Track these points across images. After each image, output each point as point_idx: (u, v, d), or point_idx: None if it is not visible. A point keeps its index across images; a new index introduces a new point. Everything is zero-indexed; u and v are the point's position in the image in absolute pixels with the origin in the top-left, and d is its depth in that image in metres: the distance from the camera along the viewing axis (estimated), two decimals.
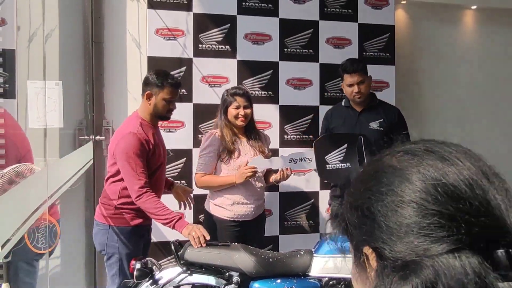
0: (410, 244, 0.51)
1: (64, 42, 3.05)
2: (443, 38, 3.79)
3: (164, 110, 2.50)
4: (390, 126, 2.88)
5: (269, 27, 3.24)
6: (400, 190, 0.54)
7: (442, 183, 0.52)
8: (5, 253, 2.64)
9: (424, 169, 0.55)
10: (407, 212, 0.52)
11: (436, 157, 0.56)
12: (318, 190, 3.34)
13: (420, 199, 0.52)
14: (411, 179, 0.54)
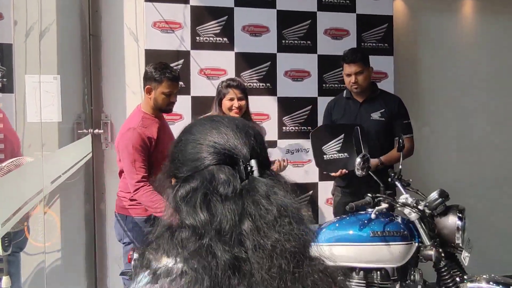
0: (191, 165, 0.83)
1: (61, 36, 3.05)
2: (442, 28, 3.77)
3: (164, 104, 2.53)
4: (391, 116, 2.88)
5: (266, 19, 3.23)
6: (185, 138, 0.88)
7: (213, 136, 0.85)
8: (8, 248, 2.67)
9: (196, 125, 0.90)
10: (189, 149, 0.84)
11: (212, 123, 0.87)
12: (317, 181, 3.34)
13: (196, 141, 0.85)
14: (192, 131, 0.88)
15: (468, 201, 3.76)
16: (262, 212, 0.73)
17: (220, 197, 0.76)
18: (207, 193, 0.77)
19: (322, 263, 0.81)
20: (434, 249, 2.10)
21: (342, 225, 2.23)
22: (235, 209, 0.74)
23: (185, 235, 0.75)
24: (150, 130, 2.47)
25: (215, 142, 0.83)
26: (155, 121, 2.53)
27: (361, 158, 2.21)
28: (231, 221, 0.73)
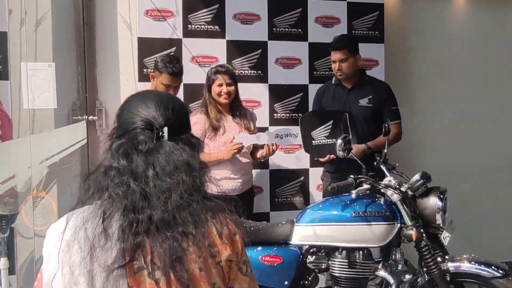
0: (124, 127, 1.11)
1: (56, 24, 3.11)
2: (434, 16, 3.79)
3: None
4: (380, 102, 2.92)
5: (257, 7, 3.28)
6: (123, 107, 1.15)
7: (141, 108, 1.12)
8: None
9: (133, 97, 1.17)
10: (124, 115, 1.12)
11: (142, 98, 1.15)
12: (308, 168, 3.39)
13: (129, 110, 1.12)
14: (128, 102, 1.15)
15: (460, 188, 3.83)
16: (161, 164, 1.05)
17: (138, 151, 1.06)
18: (130, 147, 1.07)
19: (209, 200, 1.11)
20: (414, 229, 2.15)
21: (325, 206, 2.29)
22: (145, 160, 1.05)
23: (113, 173, 1.06)
24: None
25: (141, 113, 1.11)
26: None
27: (342, 139, 2.26)
28: (141, 167, 1.04)
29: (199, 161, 1.11)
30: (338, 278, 2.23)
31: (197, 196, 1.06)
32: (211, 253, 1.06)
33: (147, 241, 1.01)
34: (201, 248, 1.04)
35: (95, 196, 1.04)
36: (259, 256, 2.20)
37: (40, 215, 2.86)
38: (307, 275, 2.26)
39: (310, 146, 2.84)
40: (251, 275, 1.17)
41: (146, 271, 1.00)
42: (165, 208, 1.01)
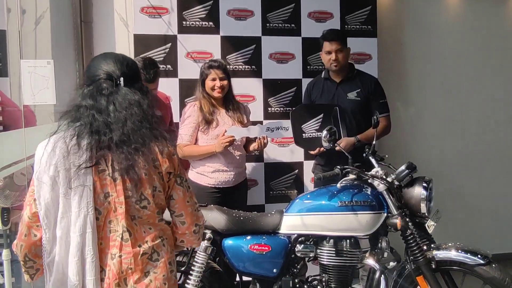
0: (91, 78, 1.49)
1: (55, 22, 3.19)
2: (427, 10, 3.82)
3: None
4: (368, 96, 2.97)
5: (251, 3, 3.33)
6: (90, 63, 1.54)
7: (103, 63, 1.50)
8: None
9: (97, 57, 1.56)
10: (91, 69, 1.51)
11: (104, 56, 1.53)
12: (302, 161, 3.45)
13: (95, 65, 1.51)
14: (94, 59, 1.55)
15: (455, 180, 3.88)
16: (119, 101, 1.45)
17: (101, 94, 1.45)
18: (95, 91, 1.46)
19: (155, 129, 1.48)
20: (399, 218, 2.20)
21: (313, 196, 2.35)
22: (107, 100, 1.44)
23: (82, 109, 1.44)
24: None
25: (103, 67, 1.49)
26: None
27: (327, 130, 2.31)
28: (104, 105, 1.44)
29: (147, 101, 1.49)
30: (326, 266, 2.29)
31: (145, 124, 1.45)
32: (154, 165, 1.47)
33: (108, 153, 1.42)
34: (147, 159, 1.44)
35: (69, 126, 1.45)
36: (248, 245, 2.27)
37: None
38: (295, 263, 2.32)
39: (301, 139, 2.90)
40: (186, 187, 1.57)
41: (107, 172, 1.43)
42: (122, 131, 1.42)
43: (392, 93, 3.49)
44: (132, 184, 1.42)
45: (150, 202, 1.46)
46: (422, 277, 2.24)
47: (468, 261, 2.22)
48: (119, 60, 1.50)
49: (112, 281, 1.42)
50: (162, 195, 1.50)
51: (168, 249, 1.53)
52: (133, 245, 1.44)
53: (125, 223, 1.43)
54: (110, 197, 1.43)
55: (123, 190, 1.42)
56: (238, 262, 2.28)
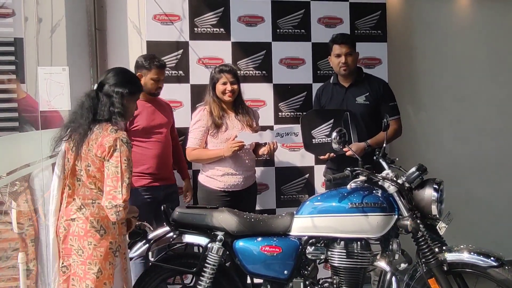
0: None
1: (70, 30, 3.28)
2: (437, 14, 3.83)
3: (153, 88, 2.89)
4: (376, 99, 2.98)
5: (261, 9, 3.38)
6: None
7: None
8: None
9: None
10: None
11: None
12: (313, 165, 3.46)
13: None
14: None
15: (466, 184, 3.85)
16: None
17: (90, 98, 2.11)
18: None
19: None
20: (410, 220, 2.20)
21: (323, 198, 2.36)
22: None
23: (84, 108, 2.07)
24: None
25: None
26: (141, 106, 2.76)
27: (337, 132, 2.33)
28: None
29: (88, 102, 2.10)
30: (337, 268, 2.30)
31: (83, 120, 2.05)
32: (88, 148, 2.02)
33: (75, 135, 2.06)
34: (84, 144, 2.03)
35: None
36: (259, 246, 2.29)
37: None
38: (306, 265, 2.33)
39: (311, 144, 2.91)
40: (113, 171, 2.00)
41: (70, 147, 2.07)
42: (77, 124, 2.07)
43: (403, 97, 3.49)
44: (77, 157, 2.04)
45: (83, 173, 2.04)
46: (434, 280, 2.23)
47: (481, 263, 2.20)
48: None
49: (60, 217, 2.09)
50: (94, 171, 2.03)
51: (96, 210, 2.04)
52: (69, 196, 2.07)
53: (69, 181, 2.08)
54: (69, 163, 2.09)
55: (74, 159, 2.05)
56: (249, 264, 2.30)
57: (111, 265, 2.03)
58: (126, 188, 1.98)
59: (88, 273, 2.00)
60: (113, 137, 1.99)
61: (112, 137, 1.99)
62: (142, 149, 2.85)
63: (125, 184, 1.97)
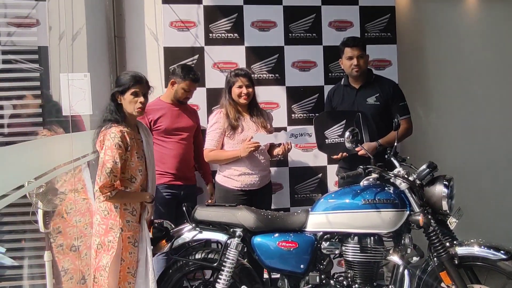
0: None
1: (90, 38, 3.42)
2: (446, 15, 3.91)
3: (182, 97, 3.08)
4: (387, 100, 3.06)
5: (274, 15, 3.49)
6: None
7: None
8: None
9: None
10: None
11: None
12: (326, 165, 3.56)
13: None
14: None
15: (479, 183, 3.91)
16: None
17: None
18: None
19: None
20: (421, 215, 2.29)
21: (337, 195, 2.46)
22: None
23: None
24: (153, 114, 3.03)
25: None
26: (167, 108, 3.00)
27: (349, 132, 2.42)
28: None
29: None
30: (351, 262, 2.39)
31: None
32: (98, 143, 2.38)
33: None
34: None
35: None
36: (276, 242, 2.39)
37: (78, 212, 3.12)
38: (322, 260, 2.43)
39: (324, 144, 3.01)
40: (100, 164, 2.27)
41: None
42: None
43: (413, 97, 3.56)
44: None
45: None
46: (445, 273, 2.32)
47: (491, 256, 2.28)
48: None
49: None
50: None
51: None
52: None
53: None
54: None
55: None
56: (266, 259, 2.40)
57: (111, 243, 2.27)
58: (105, 176, 2.23)
59: (94, 243, 2.32)
60: (104, 133, 2.33)
61: (103, 133, 2.33)
62: (163, 148, 3.00)
63: (104, 173, 2.23)
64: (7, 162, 1.78)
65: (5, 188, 1.70)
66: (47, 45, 3.11)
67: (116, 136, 2.26)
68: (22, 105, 3.04)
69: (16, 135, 2.89)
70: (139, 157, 2.36)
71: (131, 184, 2.33)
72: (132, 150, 2.32)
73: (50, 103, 3.12)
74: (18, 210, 2.81)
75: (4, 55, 3.04)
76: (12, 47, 3.10)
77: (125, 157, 2.28)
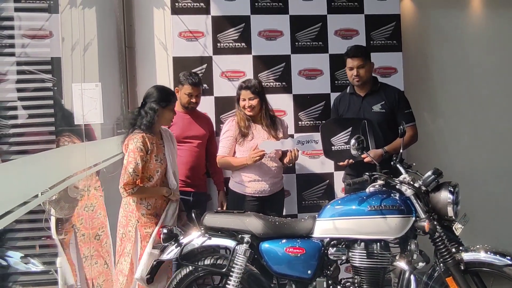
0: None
1: (101, 49, 3.51)
2: (451, 23, 3.95)
3: (186, 103, 3.13)
4: (392, 107, 3.09)
5: (280, 24, 3.56)
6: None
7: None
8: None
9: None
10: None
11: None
12: (332, 171, 3.60)
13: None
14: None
15: (483, 187, 3.92)
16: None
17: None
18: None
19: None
20: (427, 221, 2.32)
21: (344, 201, 2.49)
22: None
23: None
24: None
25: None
26: (178, 117, 3.01)
27: (355, 139, 2.46)
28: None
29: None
30: (358, 268, 2.42)
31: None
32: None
33: None
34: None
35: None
36: (284, 248, 2.43)
37: (99, 206, 3.18)
38: (329, 265, 2.46)
39: (330, 151, 3.05)
40: (124, 166, 2.61)
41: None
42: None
43: (419, 104, 3.61)
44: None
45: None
46: (451, 278, 2.33)
47: (497, 262, 2.29)
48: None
49: None
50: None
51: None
52: None
53: None
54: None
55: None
56: (274, 264, 2.44)
57: (130, 232, 2.66)
58: (128, 175, 2.56)
59: (119, 232, 2.74)
60: (129, 138, 2.65)
61: (128, 138, 2.65)
62: None
63: (127, 172, 2.57)
64: (24, 172, 1.85)
65: (24, 197, 1.76)
66: (60, 56, 3.21)
67: (138, 141, 2.60)
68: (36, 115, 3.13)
69: (30, 144, 2.97)
70: (157, 160, 2.69)
71: (148, 182, 2.67)
72: (152, 154, 2.65)
73: (62, 113, 3.20)
74: (32, 217, 2.88)
75: (18, 66, 3.13)
76: (26, 58, 3.19)
77: (145, 159, 2.61)
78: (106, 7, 3.59)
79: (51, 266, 2.97)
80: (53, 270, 2.85)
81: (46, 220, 2.98)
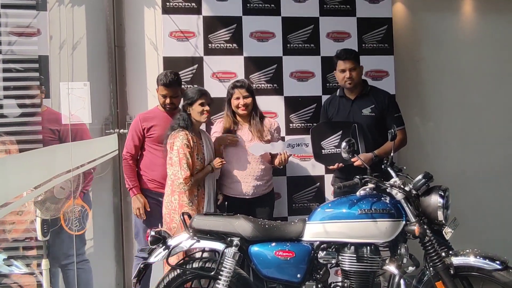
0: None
1: (91, 48, 3.46)
2: (443, 26, 3.96)
3: (162, 103, 3.09)
4: (382, 111, 3.08)
5: (272, 25, 3.54)
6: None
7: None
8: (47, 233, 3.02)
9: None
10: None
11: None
12: (323, 174, 3.58)
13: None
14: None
15: (474, 191, 3.94)
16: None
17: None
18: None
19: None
20: (417, 225, 2.30)
21: (334, 205, 2.47)
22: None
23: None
24: (151, 119, 3.08)
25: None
26: (161, 117, 3.05)
27: (346, 142, 2.45)
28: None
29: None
30: (348, 272, 2.40)
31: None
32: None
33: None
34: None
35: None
36: (273, 251, 2.40)
37: (77, 220, 3.13)
38: (318, 269, 2.44)
39: (320, 155, 3.04)
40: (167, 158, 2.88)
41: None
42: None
43: (410, 108, 3.61)
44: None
45: None
46: (441, 283, 2.32)
47: (486, 266, 2.29)
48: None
49: None
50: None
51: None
52: None
53: None
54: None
55: None
56: (263, 268, 2.41)
57: (173, 229, 2.80)
58: (185, 170, 2.75)
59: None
60: (174, 136, 2.82)
61: (173, 136, 2.82)
62: (154, 156, 3.03)
63: (183, 167, 2.76)
64: (9, 171, 1.81)
65: (6, 197, 1.72)
66: (48, 54, 3.15)
67: (184, 138, 2.79)
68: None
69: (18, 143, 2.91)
70: (198, 158, 2.85)
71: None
72: (193, 152, 2.81)
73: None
74: (17, 218, 2.82)
75: (5, 64, 3.07)
76: (13, 56, 3.13)
77: (191, 154, 2.78)
78: (95, 6, 3.54)
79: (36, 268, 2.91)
80: (37, 272, 2.79)
81: (31, 222, 2.92)
